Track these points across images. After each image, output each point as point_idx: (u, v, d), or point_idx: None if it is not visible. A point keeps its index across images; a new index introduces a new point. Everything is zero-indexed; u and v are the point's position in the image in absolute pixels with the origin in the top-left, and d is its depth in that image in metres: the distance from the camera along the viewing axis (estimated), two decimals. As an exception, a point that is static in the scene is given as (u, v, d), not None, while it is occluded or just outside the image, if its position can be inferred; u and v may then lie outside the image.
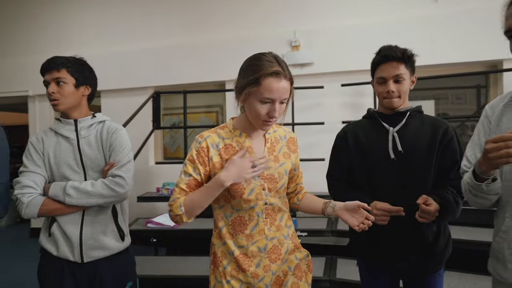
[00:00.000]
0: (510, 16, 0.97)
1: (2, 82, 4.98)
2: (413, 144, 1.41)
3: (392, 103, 1.43)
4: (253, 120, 1.18)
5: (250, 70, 1.12)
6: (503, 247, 1.07)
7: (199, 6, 4.16)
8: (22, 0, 4.99)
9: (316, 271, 2.44)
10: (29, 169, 1.44)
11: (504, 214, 1.07)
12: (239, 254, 1.22)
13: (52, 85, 1.46)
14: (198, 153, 1.19)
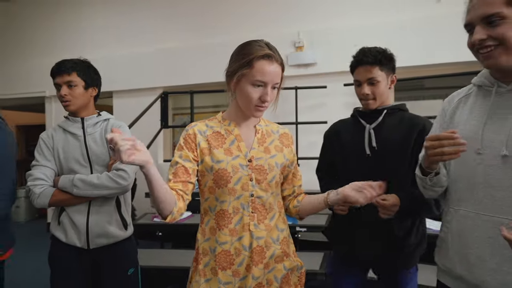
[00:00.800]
0: (471, 9, 0.99)
1: (20, 83, 5.23)
2: (388, 140, 1.46)
3: (367, 105, 1.50)
4: (244, 106, 1.15)
5: (242, 53, 1.11)
6: (447, 237, 1.12)
7: (207, 10, 4.29)
8: (39, 4, 5.22)
9: (313, 264, 2.54)
10: (40, 163, 1.58)
11: (449, 206, 1.13)
12: (221, 251, 1.13)
13: (64, 87, 1.59)
14: (185, 140, 1.16)
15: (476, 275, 1.01)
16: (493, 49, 0.95)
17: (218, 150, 1.16)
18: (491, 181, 0.99)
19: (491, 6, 0.93)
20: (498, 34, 0.93)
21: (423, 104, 4.79)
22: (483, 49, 0.96)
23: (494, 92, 1.03)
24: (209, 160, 1.15)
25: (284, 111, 3.86)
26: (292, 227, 2.80)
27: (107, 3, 4.85)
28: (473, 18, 0.97)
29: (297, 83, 3.71)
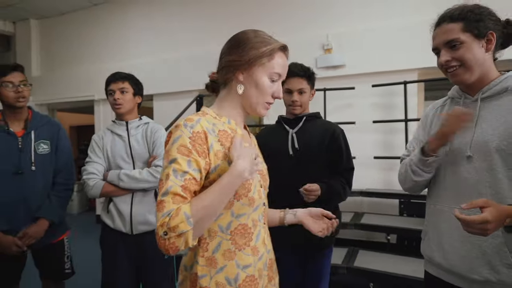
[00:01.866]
0: (436, 36, 1.18)
1: (72, 88, 5.74)
2: (307, 142, 1.73)
3: (295, 110, 1.77)
4: (253, 101, 1.00)
5: (260, 41, 0.99)
6: (428, 230, 1.27)
7: (239, 16, 4.50)
8: (86, 18, 5.72)
9: (336, 259, 2.66)
10: (93, 160, 1.87)
11: (429, 203, 1.27)
12: (245, 277, 0.94)
13: (117, 92, 1.87)
14: (193, 141, 0.89)
15: (450, 261, 1.15)
16: (457, 68, 1.13)
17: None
18: (459, 179, 1.14)
19: (451, 33, 1.12)
20: (459, 56, 1.12)
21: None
22: (450, 68, 1.14)
23: (462, 102, 1.20)
24: (226, 167, 0.92)
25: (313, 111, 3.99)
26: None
27: (147, 14, 5.22)
28: (438, 43, 1.16)
29: (325, 85, 3.81)
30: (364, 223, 2.92)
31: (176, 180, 0.85)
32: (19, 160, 1.79)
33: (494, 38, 1.12)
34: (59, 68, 5.99)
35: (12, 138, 1.81)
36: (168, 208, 0.82)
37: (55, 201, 1.87)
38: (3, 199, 1.75)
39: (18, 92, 1.80)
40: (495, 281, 1.07)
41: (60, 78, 5.86)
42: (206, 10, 4.74)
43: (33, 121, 1.88)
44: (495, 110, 1.13)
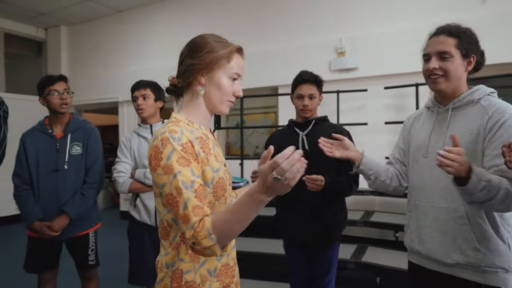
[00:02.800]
0: (430, 44, 1.32)
1: (98, 90, 6.07)
2: (316, 144, 1.81)
3: (306, 114, 1.91)
4: (217, 101, 1.05)
5: (219, 45, 1.04)
6: (409, 223, 1.43)
7: (256, 20, 4.67)
8: (110, 24, 6.03)
9: (344, 255, 2.80)
10: (122, 160, 2.09)
11: (409, 199, 1.44)
12: (220, 267, 1.04)
13: (140, 99, 2.09)
14: (186, 151, 0.93)
15: (428, 249, 1.32)
16: (439, 77, 1.29)
17: (211, 158, 1.01)
18: (434, 177, 1.29)
19: (445, 45, 1.28)
20: (445, 67, 1.28)
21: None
22: (433, 75, 1.30)
23: (436, 112, 1.35)
24: (210, 171, 0.99)
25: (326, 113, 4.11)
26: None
27: (170, 18, 5.47)
28: (431, 51, 1.31)
29: (339, 87, 3.93)
30: (373, 221, 3.04)
31: (189, 192, 0.89)
32: (57, 159, 2.04)
33: (474, 62, 1.30)
34: (86, 72, 6.34)
35: (53, 140, 2.06)
36: (192, 220, 0.86)
37: (78, 198, 2.04)
38: (42, 191, 2.02)
39: (62, 99, 2.04)
40: (464, 263, 1.24)
41: (87, 81, 6.20)
42: (226, 14, 4.92)
43: (71, 125, 2.12)
44: (462, 118, 1.29)
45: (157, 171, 0.93)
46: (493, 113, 1.23)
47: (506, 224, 1.23)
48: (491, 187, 1.10)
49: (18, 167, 2.03)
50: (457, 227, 1.25)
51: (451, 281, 1.28)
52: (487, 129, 1.22)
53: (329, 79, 4.09)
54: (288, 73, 2.41)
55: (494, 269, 1.21)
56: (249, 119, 5.62)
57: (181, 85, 1.07)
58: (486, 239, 1.21)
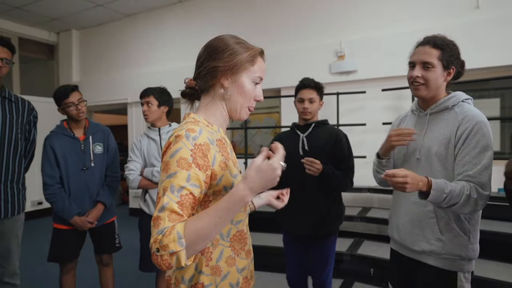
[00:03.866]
0: (416, 53, 1.45)
1: (107, 92, 6.27)
2: (315, 145, 2.03)
3: (306, 116, 2.07)
4: (238, 106, 1.01)
5: (241, 47, 1.00)
6: (391, 213, 1.60)
7: (261, 24, 4.83)
8: (120, 27, 6.23)
9: (341, 248, 2.97)
10: (133, 159, 2.29)
11: (393, 193, 1.60)
12: (241, 280, 1.00)
13: (145, 105, 2.28)
14: (194, 153, 0.87)
15: (401, 237, 1.49)
16: (421, 85, 1.42)
17: (229, 163, 0.98)
18: None
19: (429, 56, 1.41)
20: (427, 76, 1.42)
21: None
22: (415, 83, 1.45)
23: (417, 115, 1.49)
24: (229, 176, 0.95)
25: (327, 114, 4.28)
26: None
27: (178, 22, 5.66)
28: (416, 60, 1.45)
29: (338, 89, 4.09)
30: (370, 217, 3.19)
31: (172, 196, 0.82)
32: (84, 158, 2.28)
33: (453, 73, 1.44)
34: (96, 74, 6.56)
35: (77, 142, 2.29)
36: (163, 225, 0.79)
37: (106, 189, 2.35)
38: (73, 188, 2.26)
39: (78, 109, 2.25)
40: (428, 251, 1.41)
41: (97, 83, 6.41)
42: (232, 18, 5.08)
43: (90, 128, 2.36)
44: (439, 122, 1.44)
45: (161, 166, 0.90)
46: (462, 120, 1.36)
47: (469, 219, 1.40)
48: (452, 196, 1.25)
49: (48, 167, 2.22)
50: (426, 219, 1.42)
51: (419, 266, 1.46)
52: (457, 137, 1.36)
53: (329, 81, 4.25)
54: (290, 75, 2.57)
55: (453, 257, 1.38)
56: (253, 118, 5.78)
57: (199, 88, 1.02)
58: (449, 231, 1.38)
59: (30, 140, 2.24)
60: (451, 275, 1.38)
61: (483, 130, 1.33)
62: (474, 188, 1.28)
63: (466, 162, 1.31)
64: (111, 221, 2.44)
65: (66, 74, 6.75)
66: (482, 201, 1.29)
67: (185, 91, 1.06)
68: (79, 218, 2.22)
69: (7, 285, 2.08)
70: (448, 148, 1.37)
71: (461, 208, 1.28)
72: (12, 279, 2.09)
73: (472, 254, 1.39)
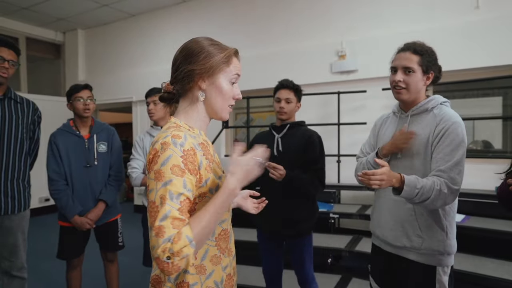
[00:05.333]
0: (397, 58, 1.53)
1: (113, 91, 6.36)
2: (289, 145, 2.07)
3: (282, 116, 2.12)
4: (219, 107, 1.03)
5: (216, 49, 1.01)
6: (374, 211, 1.67)
7: (261, 24, 4.87)
8: (125, 27, 6.31)
9: (340, 244, 3.03)
10: (136, 157, 2.37)
11: (375, 191, 1.67)
12: (225, 277, 1.03)
13: (151, 104, 2.35)
14: (185, 159, 0.89)
15: (383, 233, 1.56)
16: (402, 89, 1.49)
17: (213, 165, 1.01)
18: None
19: (410, 61, 1.49)
20: (407, 80, 1.50)
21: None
22: (397, 87, 1.51)
23: (398, 117, 1.56)
24: (214, 178, 0.99)
25: (328, 113, 4.33)
26: (326, 213, 3.31)
27: (182, 22, 5.73)
28: (398, 65, 1.52)
29: (339, 88, 4.13)
30: (368, 214, 3.23)
31: (172, 203, 0.84)
32: (88, 156, 2.34)
33: (432, 77, 1.52)
34: (102, 73, 6.66)
35: (81, 140, 2.35)
36: (168, 233, 0.80)
37: (109, 188, 2.39)
38: (77, 185, 2.31)
39: (86, 105, 2.32)
40: (409, 247, 1.48)
41: (102, 82, 6.50)
42: (236, 18, 5.12)
43: (95, 127, 2.41)
44: (418, 124, 1.51)
45: (150, 175, 0.89)
46: (440, 120, 1.44)
47: (447, 216, 1.47)
48: (424, 191, 1.32)
49: (54, 163, 2.29)
50: (406, 217, 1.49)
51: (399, 261, 1.53)
52: (434, 136, 1.44)
53: (330, 80, 4.30)
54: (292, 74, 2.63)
55: (431, 252, 1.45)
56: (257, 117, 5.84)
57: (176, 92, 1.04)
58: (427, 227, 1.46)
59: (35, 139, 2.32)
60: (430, 269, 1.46)
61: (457, 130, 1.40)
62: (444, 183, 1.35)
63: (439, 159, 1.39)
64: (114, 220, 2.48)
65: (72, 73, 6.85)
66: (453, 194, 1.37)
67: (163, 96, 1.08)
68: (79, 218, 2.26)
69: (16, 278, 2.17)
70: (427, 147, 1.45)
71: (432, 203, 1.34)
72: (20, 273, 2.18)
73: (450, 249, 1.47)
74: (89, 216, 2.28)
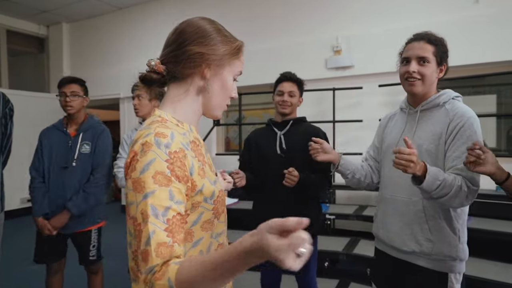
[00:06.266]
0: (410, 48, 1.42)
1: (99, 87, 6.14)
2: (293, 143, 1.93)
3: (284, 109, 1.97)
4: (215, 103, 0.89)
5: (229, 37, 0.89)
6: (377, 213, 1.56)
7: (254, 19, 4.75)
8: (111, 21, 6.11)
9: (337, 246, 2.91)
10: (122, 155, 2.20)
11: (379, 191, 1.56)
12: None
13: (136, 99, 2.18)
14: (171, 163, 0.72)
15: (390, 238, 1.47)
16: (416, 80, 1.37)
17: (206, 168, 0.84)
18: (398, 174, 1.37)
19: (425, 51, 1.37)
20: (423, 71, 1.37)
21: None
22: (411, 78, 1.39)
23: (407, 113, 1.46)
24: (209, 184, 0.81)
25: (322, 110, 4.22)
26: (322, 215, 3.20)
27: (169, 16, 5.55)
28: (412, 55, 1.40)
29: (335, 85, 4.02)
30: (366, 215, 3.14)
31: (157, 222, 0.67)
32: (67, 156, 2.15)
33: (445, 70, 1.41)
34: (88, 68, 6.44)
35: (67, 137, 2.18)
36: (151, 262, 0.65)
37: (81, 196, 2.10)
38: (51, 187, 2.13)
39: (66, 101, 2.15)
40: (419, 252, 1.37)
41: (88, 77, 6.14)
42: (227, 12, 4.96)
43: (84, 125, 2.21)
44: (428, 120, 1.40)
45: (127, 184, 0.73)
46: (454, 116, 1.34)
47: (458, 218, 1.36)
48: (445, 185, 1.21)
49: (36, 160, 2.16)
50: (415, 219, 1.38)
51: (407, 267, 1.42)
52: (448, 133, 1.33)
53: (325, 76, 4.18)
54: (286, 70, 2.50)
55: (443, 258, 1.35)
56: (248, 114, 5.70)
57: (169, 74, 0.86)
58: (438, 231, 1.35)
59: (7, 134, 2.08)
60: (442, 276, 1.35)
61: (473, 126, 1.32)
62: (464, 182, 1.26)
63: (456, 157, 1.30)
64: (86, 230, 2.19)
65: (57, 68, 6.60)
66: (471, 195, 1.27)
67: (149, 76, 0.86)
68: (42, 220, 2.07)
69: None
70: (438, 144, 1.35)
71: (450, 200, 1.24)
72: None
73: (463, 254, 1.37)
74: (51, 222, 2.07)
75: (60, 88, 2.16)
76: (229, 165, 4.49)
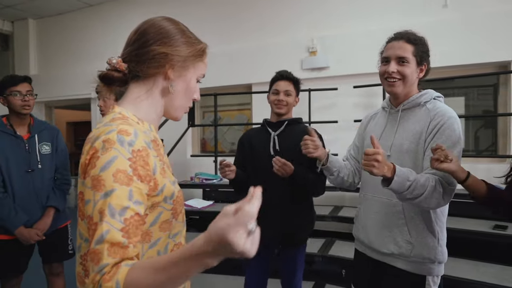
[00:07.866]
0: (390, 48, 1.41)
1: (70, 86, 5.92)
2: (287, 145, 1.87)
3: (280, 109, 1.90)
4: (177, 104, 0.88)
5: (194, 39, 0.89)
6: (358, 214, 1.55)
7: (229, 18, 4.69)
8: (81, 18, 5.88)
9: (313, 249, 2.89)
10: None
11: (360, 192, 1.55)
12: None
13: (101, 100, 2.09)
14: (134, 162, 0.70)
15: (369, 238, 1.43)
16: (397, 81, 1.34)
17: (166, 168, 0.84)
18: None
19: (404, 51, 1.36)
20: (403, 71, 1.36)
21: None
22: (391, 78, 1.36)
23: (388, 112, 1.43)
24: (169, 184, 0.80)
25: (298, 111, 4.19)
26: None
27: (143, 13, 5.39)
28: (391, 55, 1.38)
29: (310, 86, 4.01)
30: (341, 216, 3.14)
31: (113, 222, 0.65)
32: (29, 159, 2.04)
33: (425, 69, 1.40)
34: (57, 67, 6.17)
35: (20, 141, 2.05)
36: (101, 261, 0.62)
37: (58, 192, 2.16)
38: (21, 193, 2.01)
39: (25, 101, 2.02)
40: (397, 254, 1.36)
41: (57, 77, 6.03)
42: (201, 12, 4.88)
43: (35, 126, 2.13)
44: (410, 119, 1.39)
45: (86, 182, 0.70)
46: (435, 116, 1.33)
47: (438, 220, 1.36)
48: (416, 185, 1.19)
49: None
50: (394, 220, 1.36)
51: (386, 269, 1.41)
52: (428, 132, 1.32)
53: (301, 77, 4.14)
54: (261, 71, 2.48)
55: (421, 260, 1.34)
56: (225, 115, 5.63)
57: (130, 72, 0.84)
58: (418, 232, 1.34)
59: None
60: (420, 278, 1.34)
61: (454, 125, 1.31)
62: (439, 181, 1.24)
63: None
64: (64, 226, 2.26)
65: (22, 67, 6.29)
66: (448, 195, 1.26)
67: (110, 75, 0.84)
68: (25, 229, 1.98)
69: None
70: (419, 143, 1.34)
71: (425, 201, 1.22)
72: None
73: (442, 257, 1.36)
74: (37, 227, 2.01)
75: (12, 87, 2.03)
76: (205, 167, 4.40)
